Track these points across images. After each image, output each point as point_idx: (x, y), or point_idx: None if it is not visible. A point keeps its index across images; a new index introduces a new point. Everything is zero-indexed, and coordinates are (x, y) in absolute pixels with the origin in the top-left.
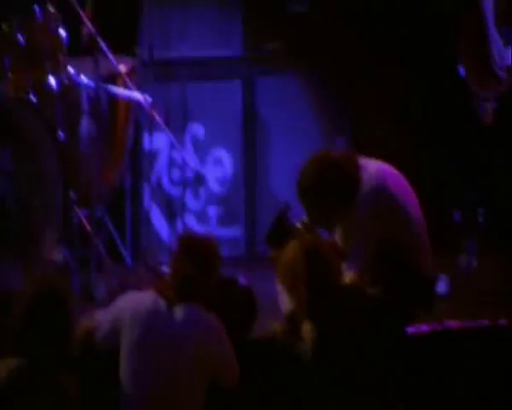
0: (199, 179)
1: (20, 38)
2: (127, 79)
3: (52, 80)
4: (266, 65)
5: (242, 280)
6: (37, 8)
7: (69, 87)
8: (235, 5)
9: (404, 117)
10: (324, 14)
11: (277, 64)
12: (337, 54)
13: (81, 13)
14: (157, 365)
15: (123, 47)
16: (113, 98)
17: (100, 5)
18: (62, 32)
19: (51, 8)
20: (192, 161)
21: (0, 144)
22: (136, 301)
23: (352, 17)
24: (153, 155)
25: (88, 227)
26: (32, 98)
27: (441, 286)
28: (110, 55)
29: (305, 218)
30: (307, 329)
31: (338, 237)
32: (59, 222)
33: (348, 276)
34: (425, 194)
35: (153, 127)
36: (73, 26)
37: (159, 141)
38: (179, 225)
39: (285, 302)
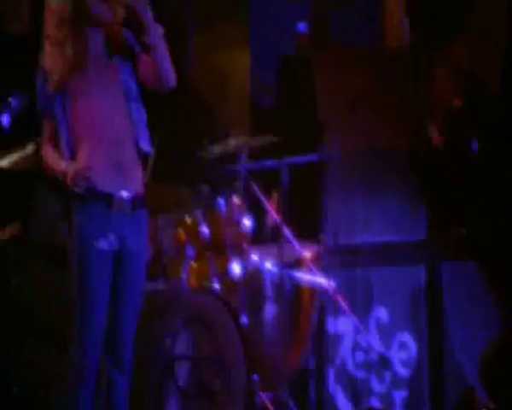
0: (383, 362)
1: (203, 229)
2: (311, 265)
3: (235, 268)
4: (450, 250)
5: None
6: (221, 200)
7: (253, 274)
8: (419, 191)
9: None
10: None
11: (460, 250)
12: None
13: (266, 202)
14: None
15: (307, 233)
16: (298, 284)
17: (285, 194)
18: (247, 221)
19: (236, 199)
20: (376, 344)
21: (181, 326)
22: None
23: None
24: (337, 339)
25: None
26: (215, 285)
27: None
28: (295, 242)
29: None
30: None
31: None
32: (243, 406)
33: None
34: None
35: (337, 311)
36: (258, 214)
37: (343, 325)
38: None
39: None
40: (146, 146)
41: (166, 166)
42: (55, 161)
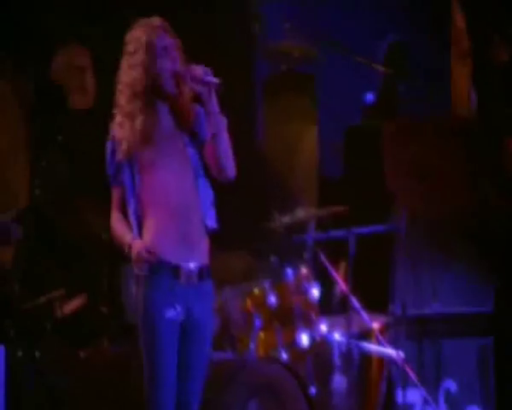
0: None
1: (271, 298)
2: (380, 336)
3: (303, 338)
4: None
5: None
6: (289, 270)
7: (321, 344)
8: (487, 260)
9: None
10: None
11: None
12: None
13: (333, 272)
14: None
15: (376, 304)
16: (366, 354)
17: (353, 264)
18: (315, 291)
19: (304, 269)
20: None
21: (249, 396)
22: None
23: None
24: None
25: None
26: (283, 355)
27: None
28: (362, 313)
29: None
30: None
31: None
32: None
33: None
34: None
35: (406, 382)
36: (326, 284)
37: (412, 396)
38: None
39: None
40: (212, 223)
41: (234, 237)
42: (122, 230)
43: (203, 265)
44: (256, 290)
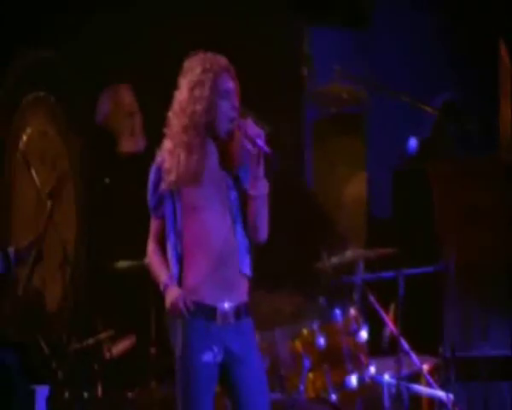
0: None
1: (320, 340)
2: (429, 377)
3: (352, 379)
4: None
5: None
6: (338, 311)
7: (370, 385)
8: None
9: None
10: None
11: None
12: None
13: (383, 313)
14: None
15: (425, 345)
16: (415, 396)
17: (402, 305)
18: (364, 332)
19: (353, 310)
20: None
21: None
22: None
23: None
24: None
25: None
26: (332, 396)
27: None
28: (412, 354)
29: None
30: None
31: None
32: None
33: None
34: None
35: None
36: (375, 325)
37: None
38: None
39: None
40: (247, 270)
41: (283, 278)
42: (159, 265)
43: (240, 303)
44: (305, 331)
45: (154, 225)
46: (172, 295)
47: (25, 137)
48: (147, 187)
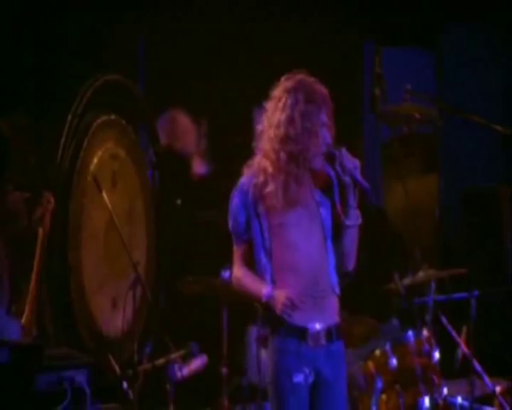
0: None
1: (392, 361)
2: (502, 400)
3: (426, 401)
4: None
5: None
6: (410, 332)
7: (443, 407)
8: None
9: None
10: None
11: None
12: None
13: (455, 335)
14: None
15: (498, 367)
16: None
17: (474, 327)
18: (436, 354)
19: (425, 332)
20: None
21: None
22: None
23: None
24: None
25: None
26: None
27: None
28: (485, 377)
29: None
30: None
31: None
32: None
33: None
34: None
35: None
36: (447, 347)
37: None
38: None
39: None
40: (336, 289)
41: (357, 299)
42: (256, 282)
43: (331, 325)
44: (377, 352)
45: (239, 249)
46: (280, 294)
47: (95, 160)
48: (228, 211)
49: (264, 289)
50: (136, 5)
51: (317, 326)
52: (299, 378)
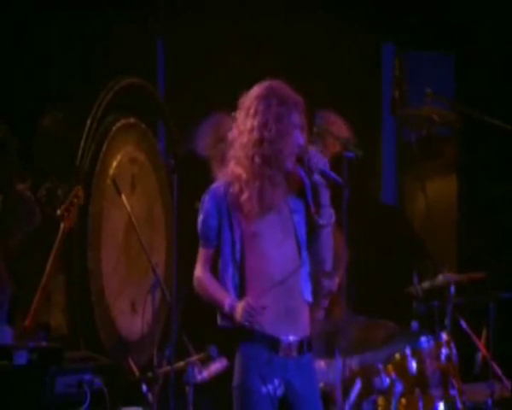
0: None
1: (412, 365)
2: None
3: (440, 406)
4: None
5: None
6: (429, 336)
7: None
8: None
9: None
10: None
11: None
12: None
13: (475, 339)
14: None
15: None
16: None
17: (494, 331)
18: (455, 357)
19: (444, 335)
20: None
21: None
22: None
23: None
24: None
25: None
26: None
27: None
28: (505, 380)
29: None
30: None
31: None
32: None
33: None
34: None
35: None
36: (467, 351)
37: None
38: None
39: None
40: (308, 297)
41: (374, 303)
42: (219, 290)
43: (303, 337)
44: (397, 356)
45: (205, 253)
46: (241, 305)
47: (115, 164)
48: (199, 215)
49: (227, 299)
50: (154, 8)
51: (290, 338)
52: (267, 388)
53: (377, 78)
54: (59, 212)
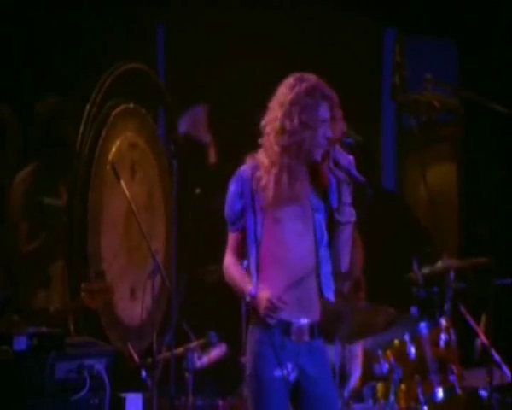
0: None
1: (411, 350)
2: None
3: (439, 392)
4: None
5: None
6: (429, 322)
7: (462, 397)
8: None
9: None
10: None
11: None
12: None
13: (474, 324)
14: None
15: None
16: (507, 408)
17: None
18: (455, 343)
19: (444, 321)
20: None
21: None
22: None
23: None
24: None
25: None
26: (424, 407)
27: None
28: (504, 366)
29: None
30: None
31: None
32: None
33: None
34: None
35: None
36: (466, 336)
37: None
38: None
39: None
40: (330, 296)
41: (374, 288)
42: (241, 276)
43: (314, 321)
44: (396, 342)
45: (232, 237)
46: (264, 296)
47: (114, 149)
48: (226, 198)
49: (247, 287)
50: None
51: (302, 322)
52: (279, 372)
53: (378, 63)
54: (83, 294)
